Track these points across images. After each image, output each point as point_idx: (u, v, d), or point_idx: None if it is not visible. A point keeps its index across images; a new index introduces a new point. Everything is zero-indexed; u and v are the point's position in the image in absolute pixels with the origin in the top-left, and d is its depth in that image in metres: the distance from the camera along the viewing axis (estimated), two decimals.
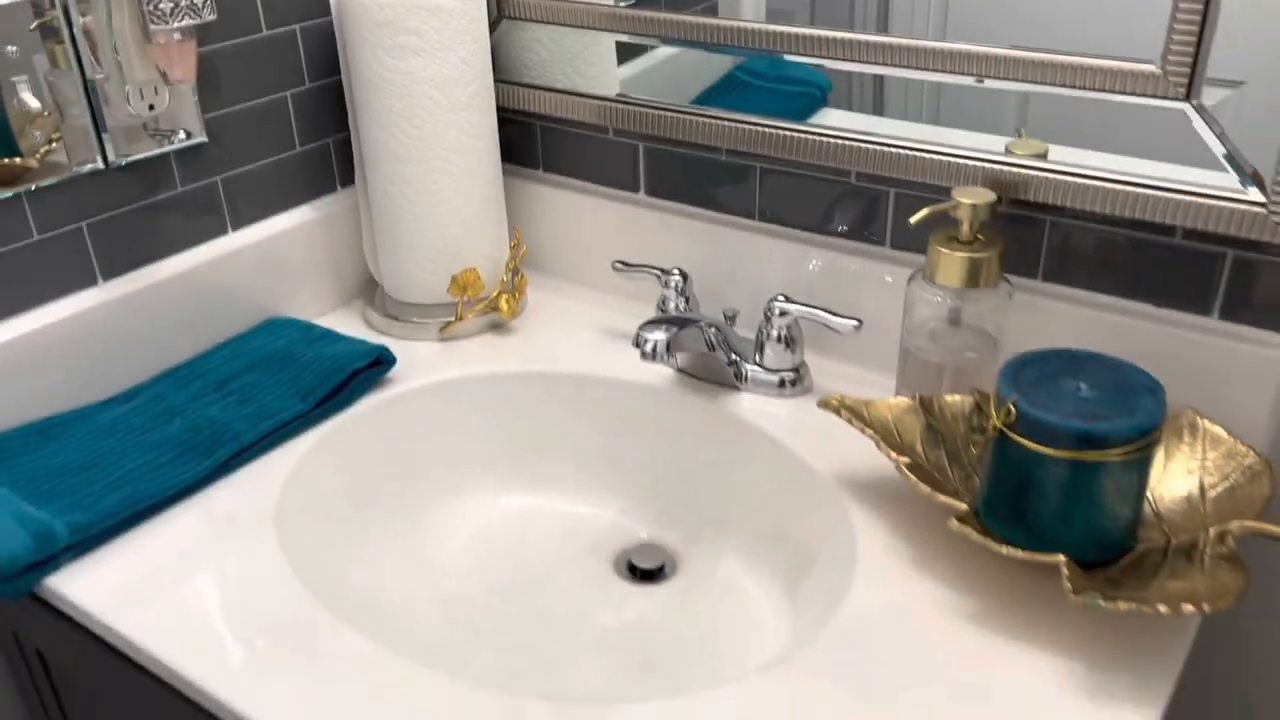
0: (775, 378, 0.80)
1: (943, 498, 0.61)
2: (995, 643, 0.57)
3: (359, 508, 0.77)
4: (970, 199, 0.67)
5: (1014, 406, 0.58)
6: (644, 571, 0.78)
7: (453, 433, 0.83)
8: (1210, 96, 0.62)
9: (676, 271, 0.83)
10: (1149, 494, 0.64)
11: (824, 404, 0.69)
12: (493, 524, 0.82)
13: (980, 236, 0.68)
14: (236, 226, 0.87)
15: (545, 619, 0.74)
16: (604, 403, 0.84)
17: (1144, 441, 0.57)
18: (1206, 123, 0.63)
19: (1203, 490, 0.63)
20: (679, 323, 0.76)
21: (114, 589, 0.63)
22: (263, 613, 0.61)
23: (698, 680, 0.66)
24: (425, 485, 0.82)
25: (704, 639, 0.72)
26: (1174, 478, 0.65)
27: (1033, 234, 0.73)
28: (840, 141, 0.76)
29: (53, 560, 0.64)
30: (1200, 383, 0.68)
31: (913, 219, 0.68)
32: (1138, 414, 0.57)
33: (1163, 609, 0.52)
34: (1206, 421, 0.66)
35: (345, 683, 0.56)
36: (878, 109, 0.77)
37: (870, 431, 0.66)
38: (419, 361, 0.85)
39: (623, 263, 0.87)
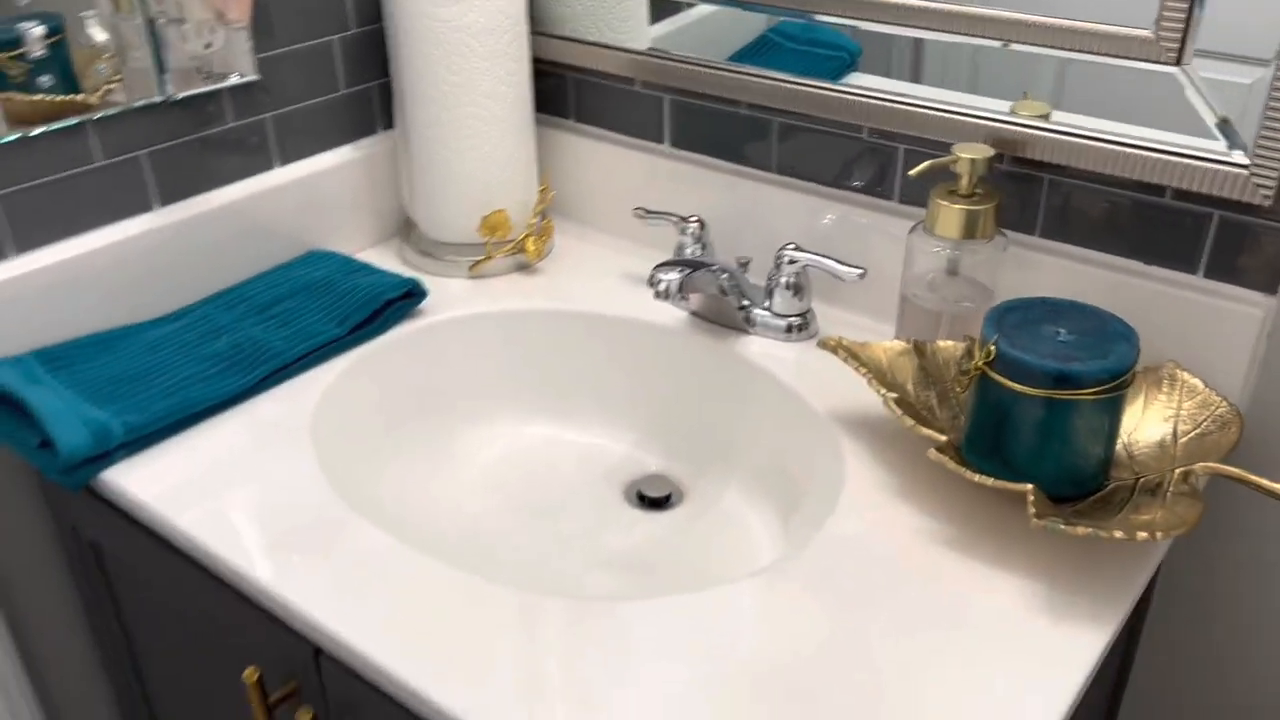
0: (783, 323, 0.84)
1: (925, 430, 0.65)
2: (967, 564, 0.62)
3: (387, 427, 0.83)
4: (969, 154, 0.71)
5: (995, 347, 0.62)
6: (652, 500, 0.83)
7: (478, 363, 0.89)
8: (1247, 75, 0.65)
9: (694, 219, 0.88)
10: (1124, 437, 0.68)
11: (823, 344, 0.74)
12: (512, 450, 0.88)
13: (979, 190, 0.72)
14: (283, 162, 0.92)
15: (558, 538, 0.80)
16: (621, 341, 0.88)
17: (1115, 383, 0.61)
18: (1197, 88, 0.66)
19: (1175, 436, 0.67)
20: (692, 265, 0.80)
21: (164, 484, 0.69)
22: (297, 511, 0.67)
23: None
24: (450, 410, 0.87)
25: (703, 559, 0.77)
26: (1149, 424, 0.68)
27: (1033, 192, 0.76)
28: (852, 98, 0.80)
29: (109, 456, 0.70)
30: (1183, 337, 0.72)
31: (913, 171, 0.72)
32: (1110, 357, 0.61)
33: (1119, 534, 0.57)
34: (1185, 373, 0.70)
35: (372, 575, 0.62)
36: (915, 76, 0.80)
37: (864, 370, 0.70)
38: (449, 296, 0.91)
39: (644, 209, 0.91)
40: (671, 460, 0.86)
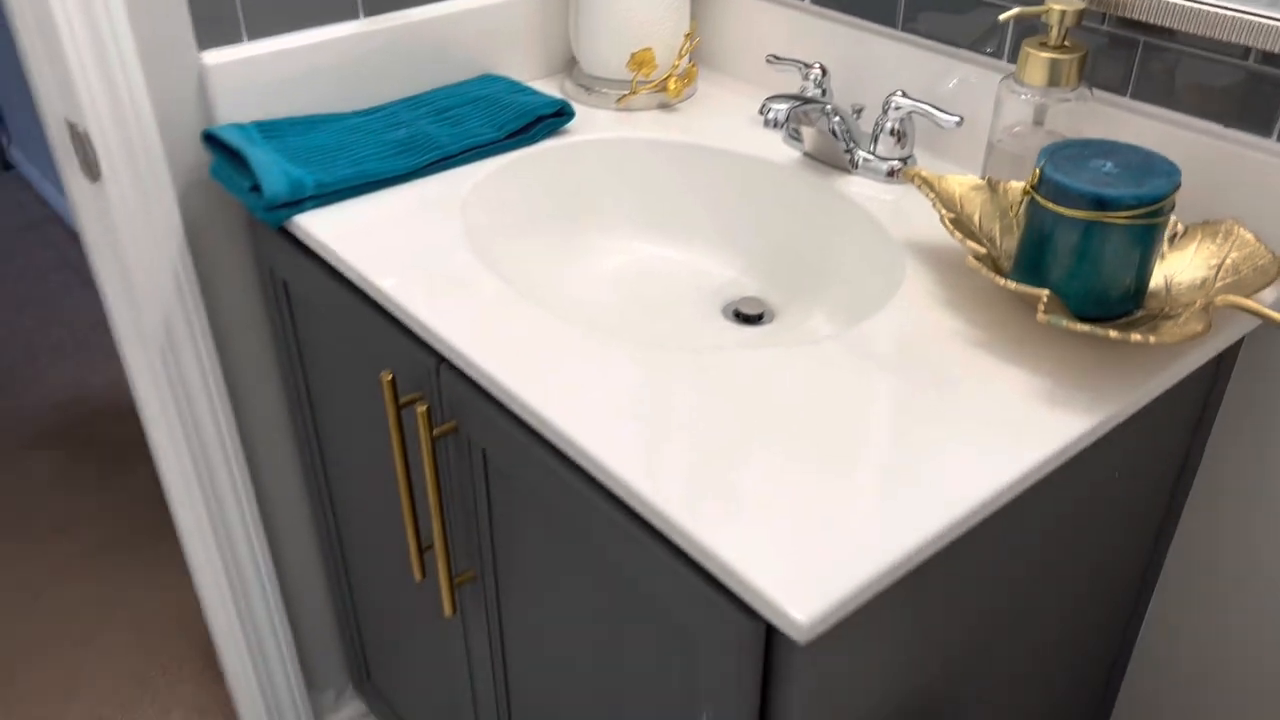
0: (885, 166, 0.92)
1: (970, 243, 0.73)
2: (986, 359, 0.70)
3: (525, 220, 0.97)
4: (1060, 4, 0.76)
5: (1041, 170, 0.69)
6: (746, 316, 0.94)
7: (610, 181, 1.01)
8: None
9: (817, 66, 0.96)
10: (1168, 276, 0.73)
11: (905, 174, 0.82)
12: (630, 262, 1.00)
13: (1067, 43, 0.78)
14: None
15: (658, 334, 0.92)
16: (739, 175, 0.99)
17: (1147, 210, 0.66)
18: None
19: (1215, 279, 0.72)
20: (802, 100, 0.89)
21: (340, 230, 0.85)
22: (440, 262, 0.82)
23: None
24: (580, 217, 1.00)
25: None
26: (1195, 267, 0.74)
27: (1129, 54, 0.81)
28: None
29: (300, 204, 0.87)
30: (1251, 197, 0.76)
31: (1001, 16, 0.78)
32: (1145, 186, 0.67)
33: (1114, 334, 0.64)
34: (1242, 229, 0.74)
35: (494, 313, 0.75)
36: None
37: (933, 195, 0.78)
38: (595, 123, 1.03)
39: (775, 56, 1.00)
40: (769, 285, 0.96)
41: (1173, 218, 0.77)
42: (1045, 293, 0.67)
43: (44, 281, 2.52)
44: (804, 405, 0.66)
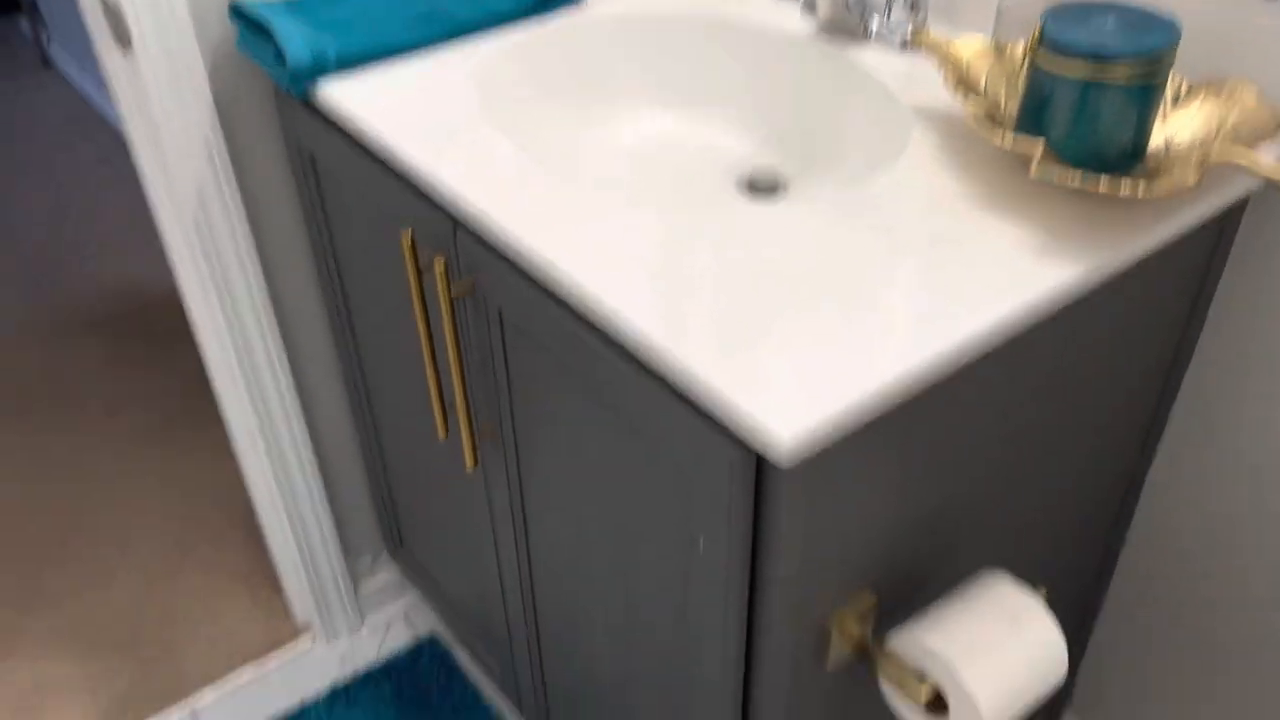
0: (898, 35, 0.93)
1: (970, 99, 0.74)
2: (984, 216, 0.72)
3: (540, 93, 0.99)
4: None
5: (1042, 28, 0.70)
6: (760, 189, 0.96)
7: (627, 54, 1.02)
8: None
9: None
10: (1169, 135, 0.74)
11: (916, 39, 0.83)
12: (647, 134, 1.02)
13: None
14: None
15: (673, 205, 0.94)
16: (755, 48, 0.99)
17: (1144, 66, 0.67)
18: None
19: (1215, 136, 0.73)
20: None
21: (362, 100, 0.88)
22: (458, 130, 0.84)
23: None
24: (596, 90, 1.02)
25: None
26: (1196, 126, 0.74)
27: None
28: None
29: (322, 72, 0.90)
30: (1259, 58, 0.76)
31: None
32: (1144, 41, 0.67)
33: (1103, 186, 0.65)
34: (1245, 87, 0.74)
35: (509, 179, 0.78)
36: None
37: (941, 59, 0.79)
38: None
39: None
40: (783, 158, 0.98)
41: (1178, 77, 0.77)
42: (1040, 145, 0.68)
43: (87, 176, 2.57)
44: (807, 258, 0.68)
